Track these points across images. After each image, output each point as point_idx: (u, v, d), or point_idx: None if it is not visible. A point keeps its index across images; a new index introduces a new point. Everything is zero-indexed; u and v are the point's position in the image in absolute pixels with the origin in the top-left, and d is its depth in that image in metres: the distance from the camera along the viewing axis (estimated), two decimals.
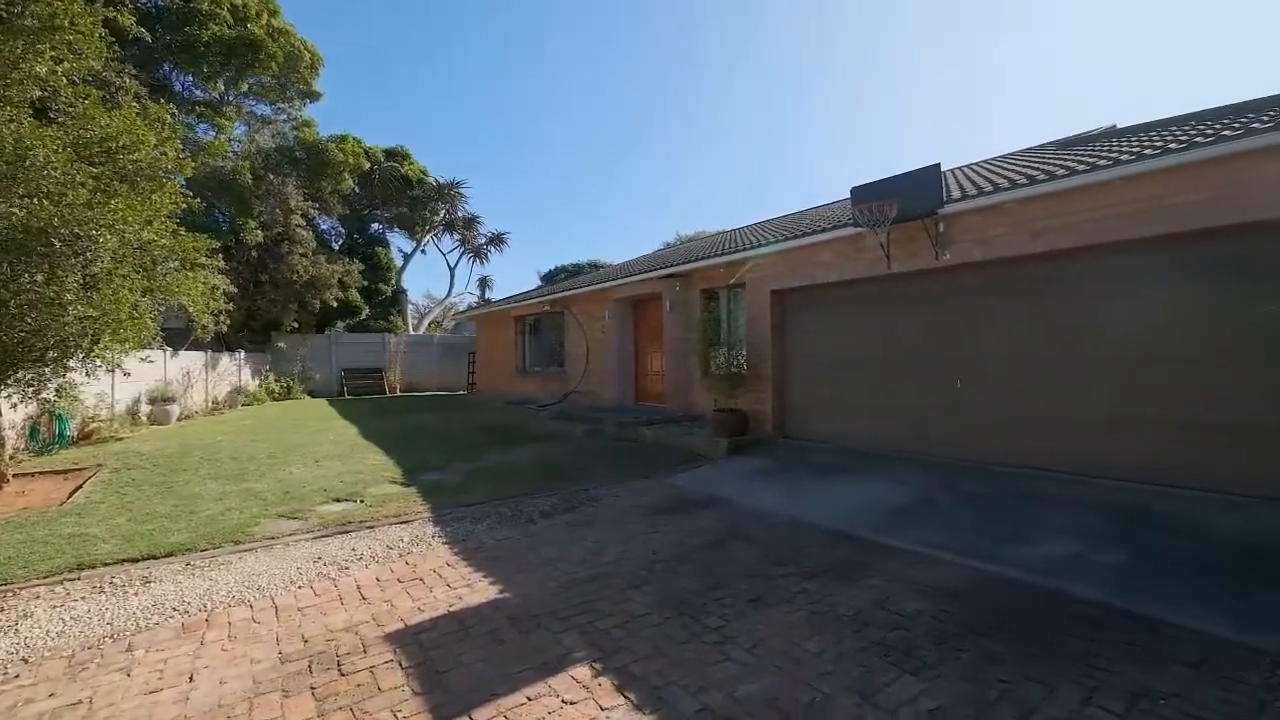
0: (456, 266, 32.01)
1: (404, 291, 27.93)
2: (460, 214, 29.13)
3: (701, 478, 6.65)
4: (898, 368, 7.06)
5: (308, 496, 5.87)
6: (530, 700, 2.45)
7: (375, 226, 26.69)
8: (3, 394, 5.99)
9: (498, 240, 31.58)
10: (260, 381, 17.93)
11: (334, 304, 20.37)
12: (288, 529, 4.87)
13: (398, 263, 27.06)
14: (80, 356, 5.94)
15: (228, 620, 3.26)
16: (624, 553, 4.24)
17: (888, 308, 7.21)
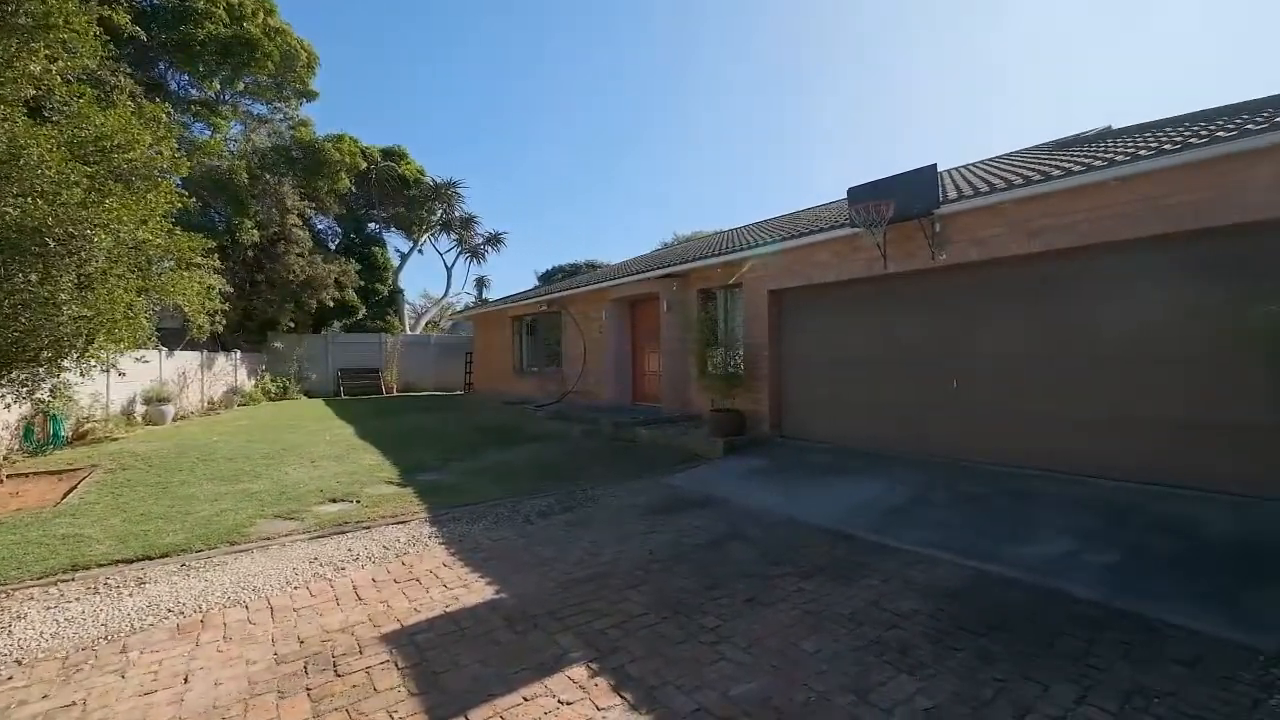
0: (454, 266, 31.95)
1: (401, 291, 27.85)
2: (457, 214, 29.04)
3: (698, 478, 6.65)
4: (895, 367, 7.07)
5: (304, 497, 5.86)
6: (527, 700, 2.45)
7: (372, 226, 26.62)
8: None
9: (495, 240, 31.52)
10: (256, 382, 17.86)
11: (330, 304, 20.32)
12: (284, 529, 4.86)
13: (394, 262, 27.03)
14: (75, 356, 5.92)
15: (223, 621, 3.25)
16: (621, 553, 4.24)
17: (885, 308, 7.23)
